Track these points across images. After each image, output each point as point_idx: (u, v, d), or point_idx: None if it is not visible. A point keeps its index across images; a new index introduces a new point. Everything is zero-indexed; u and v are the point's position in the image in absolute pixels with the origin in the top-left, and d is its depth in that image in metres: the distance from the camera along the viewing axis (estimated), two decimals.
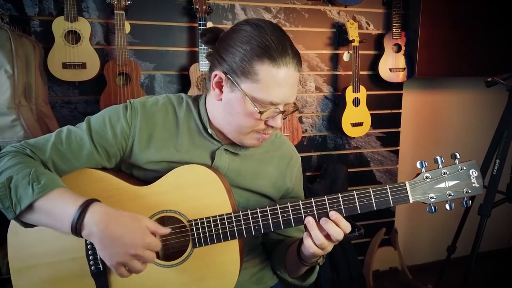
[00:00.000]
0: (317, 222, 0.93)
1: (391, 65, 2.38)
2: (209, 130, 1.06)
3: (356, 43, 2.22)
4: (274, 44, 0.91)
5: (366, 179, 2.58)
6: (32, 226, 0.91)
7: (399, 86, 2.53)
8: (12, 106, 1.42)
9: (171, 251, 1.03)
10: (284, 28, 2.25)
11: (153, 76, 2.05)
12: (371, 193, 0.94)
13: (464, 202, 0.97)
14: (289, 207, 0.96)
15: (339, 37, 2.34)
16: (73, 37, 1.78)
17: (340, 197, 0.94)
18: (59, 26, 1.75)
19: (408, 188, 0.94)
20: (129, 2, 1.83)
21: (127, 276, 0.89)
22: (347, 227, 0.92)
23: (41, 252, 0.99)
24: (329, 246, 0.93)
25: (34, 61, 1.57)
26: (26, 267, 0.99)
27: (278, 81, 0.93)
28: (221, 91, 0.99)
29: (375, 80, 2.46)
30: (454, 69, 2.44)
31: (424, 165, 0.97)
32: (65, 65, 1.76)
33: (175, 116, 1.08)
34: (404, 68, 2.39)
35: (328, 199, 0.95)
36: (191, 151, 1.06)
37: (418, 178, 0.96)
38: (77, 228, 0.84)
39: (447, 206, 0.97)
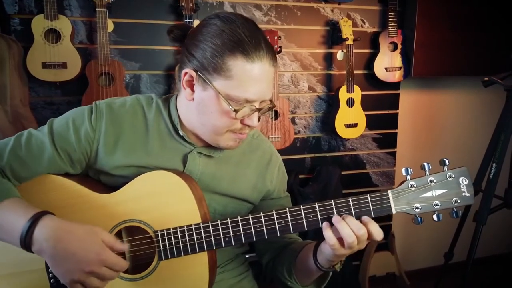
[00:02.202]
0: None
1: (387, 64, 2.30)
2: (180, 132, 0.99)
3: (350, 42, 2.14)
4: (247, 38, 0.85)
5: (362, 181, 2.50)
6: None
7: (395, 85, 2.45)
8: None
9: (141, 263, 0.96)
10: (275, 27, 2.20)
11: (139, 76, 1.98)
12: (350, 203, 0.87)
13: (453, 212, 0.90)
14: (262, 217, 0.89)
15: (333, 36, 2.27)
16: (54, 36, 1.72)
17: (316, 207, 0.88)
18: (39, 24, 1.69)
19: (390, 198, 0.87)
20: (111, 0, 1.77)
21: None
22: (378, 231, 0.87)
23: (1, 263, 0.93)
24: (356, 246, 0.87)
25: (9, 61, 1.50)
26: None
27: (253, 77, 0.87)
28: (193, 90, 0.93)
29: (370, 80, 2.38)
30: (451, 68, 2.36)
31: (409, 172, 0.89)
32: (45, 64, 1.70)
33: (144, 118, 1.01)
34: (401, 67, 2.31)
35: (303, 209, 0.88)
36: (162, 155, 1.00)
37: (402, 187, 0.88)
38: (26, 243, 0.78)
39: (435, 217, 0.90)
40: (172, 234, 0.90)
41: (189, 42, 0.92)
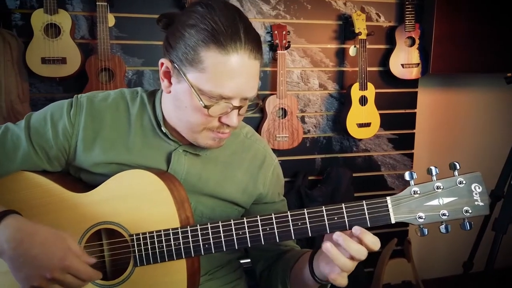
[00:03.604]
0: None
1: (404, 61, 2.17)
2: (163, 129, 0.92)
3: (363, 36, 2.03)
4: (223, 27, 0.77)
5: (376, 184, 2.37)
6: None
7: (413, 83, 2.31)
8: None
9: (118, 267, 0.90)
10: (284, 21, 2.11)
11: (142, 72, 1.93)
12: (344, 210, 0.77)
13: (465, 223, 0.79)
14: (245, 223, 0.80)
15: (346, 30, 2.16)
16: (53, 30, 1.69)
17: (305, 213, 0.79)
18: (38, 19, 1.66)
19: (389, 205, 0.77)
20: None
21: None
22: (374, 243, 0.75)
23: None
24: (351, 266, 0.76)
25: (5, 56, 1.47)
26: None
27: (228, 71, 0.78)
28: (170, 82, 0.86)
29: (386, 77, 2.25)
30: (472, 64, 2.20)
31: (413, 177, 0.79)
32: (44, 60, 1.67)
33: (128, 113, 0.95)
34: (418, 64, 2.18)
35: (291, 215, 0.79)
36: (144, 153, 0.93)
37: (403, 193, 0.78)
38: None
39: (442, 229, 0.79)
40: (148, 238, 0.83)
41: (169, 31, 0.86)
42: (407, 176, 0.79)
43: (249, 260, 1.12)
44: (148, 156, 0.93)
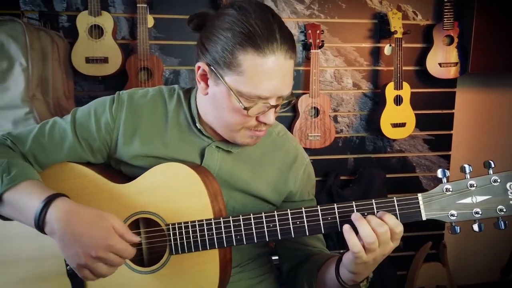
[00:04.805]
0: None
1: (441, 59, 2.12)
2: (198, 125, 0.96)
3: (398, 35, 2.00)
4: (259, 29, 0.79)
5: (410, 186, 2.32)
6: (10, 219, 0.87)
7: (451, 83, 2.25)
8: (25, 99, 1.43)
9: (154, 255, 0.94)
10: (318, 20, 2.11)
11: (178, 71, 2.00)
12: (374, 205, 0.78)
13: (500, 223, 0.78)
14: (276, 216, 0.82)
15: (381, 29, 2.13)
16: (97, 31, 1.78)
17: (335, 208, 0.80)
18: (83, 20, 1.75)
19: (420, 202, 0.77)
20: None
21: (92, 279, 0.81)
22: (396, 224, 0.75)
23: (21, 248, 0.95)
24: (378, 249, 0.75)
25: (52, 55, 1.57)
26: (6, 263, 0.96)
27: (265, 72, 0.80)
28: (207, 85, 0.89)
29: (422, 76, 2.21)
30: None
31: (446, 174, 0.79)
32: (88, 59, 1.76)
33: (165, 109, 1.00)
34: (457, 63, 2.12)
35: (321, 209, 0.81)
36: (180, 147, 0.97)
37: (435, 190, 0.78)
38: (39, 224, 0.79)
39: (475, 227, 0.78)
40: (183, 228, 0.87)
41: (203, 33, 0.89)
42: (439, 173, 0.79)
43: (277, 258, 1.14)
44: (183, 150, 0.97)
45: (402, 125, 2.09)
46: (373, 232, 0.73)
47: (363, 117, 2.22)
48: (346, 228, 0.77)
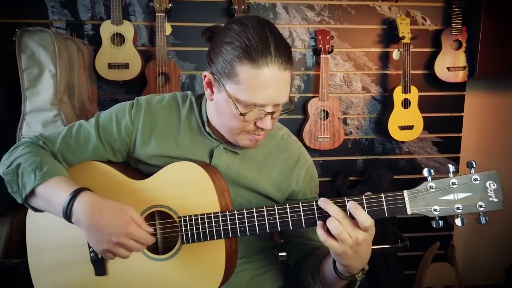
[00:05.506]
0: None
1: (450, 64, 2.16)
2: (206, 129, 1.06)
3: (407, 40, 2.06)
4: (255, 43, 0.87)
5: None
6: (41, 211, 0.99)
7: (459, 86, 2.28)
8: (54, 103, 1.56)
9: (169, 245, 1.05)
10: (328, 27, 2.19)
11: (194, 76, 2.11)
12: (364, 201, 0.86)
13: (480, 218, 0.85)
14: (276, 210, 0.91)
15: (390, 34, 2.19)
16: (119, 39, 1.90)
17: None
18: (106, 29, 1.88)
19: (406, 198, 0.85)
20: (170, 5, 1.90)
21: (113, 258, 0.92)
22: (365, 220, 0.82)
23: (52, 237, 1.07)
24: (348, 238, 0.82)
25: (78, 62, 1.70)
26: (39, 251, 1.08)
27: (260, 83, 0.89)
28: (212, 92, 0.99)
29: (431, 80, 2.25)
30: None
31: (431, 173, 0.86)
32: (110, 65, 1.89)
33: (178, 114, 1.10)
34: (465, 67, 2.16)
35: (316, 204, 0.89)
36: (191, 148, 1.07)
37: (420, 187, 0.86)
38: (67, 215, 0.90)
39: (458, 222, 0.85)
40: (193, 220, 0.96)
41: (210, 45, 0.98)
42: (425, 172, 0.87)
43: (285, 254, 1.22)
44: (194, 151, 1.07)
45: (410, 127, 2.14)
46: (338, 223, 0.82)
47: (372, 120, 2.28)
48: (319, 223, 0.86)
